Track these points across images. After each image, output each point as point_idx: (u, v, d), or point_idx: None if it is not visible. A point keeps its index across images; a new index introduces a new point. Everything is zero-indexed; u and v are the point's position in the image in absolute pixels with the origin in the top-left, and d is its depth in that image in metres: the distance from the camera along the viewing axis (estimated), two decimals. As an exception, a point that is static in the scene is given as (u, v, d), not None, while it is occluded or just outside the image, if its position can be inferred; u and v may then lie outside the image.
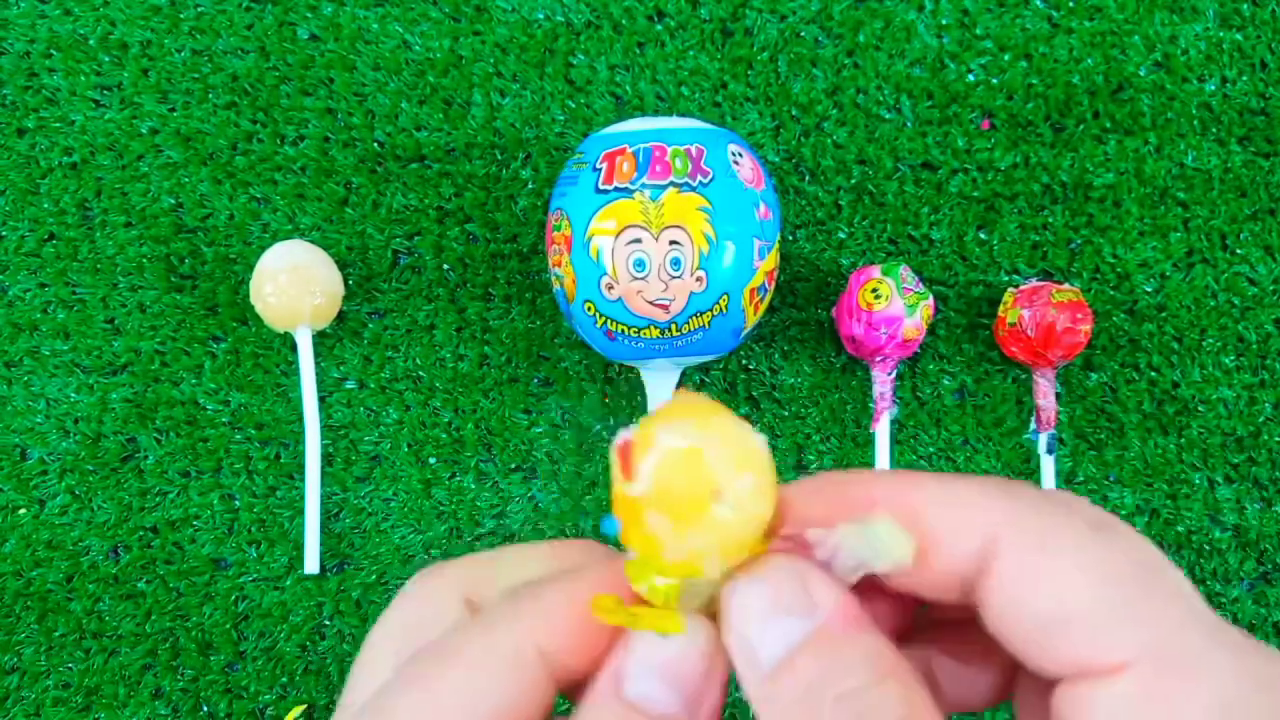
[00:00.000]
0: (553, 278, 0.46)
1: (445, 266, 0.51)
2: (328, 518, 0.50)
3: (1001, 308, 0.48)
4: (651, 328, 0.43)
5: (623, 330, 0.43)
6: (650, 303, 0.42)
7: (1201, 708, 0.16)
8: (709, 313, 0.43)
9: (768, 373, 0.50)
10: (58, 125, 0.52)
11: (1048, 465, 0.48)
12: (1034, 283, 0.48)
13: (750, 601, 0.18)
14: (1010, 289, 0.48)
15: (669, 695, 0.18)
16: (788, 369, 0.50)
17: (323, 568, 0.50)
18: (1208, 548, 0.48)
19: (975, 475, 0.19)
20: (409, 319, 0.51)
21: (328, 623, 0.50)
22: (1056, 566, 0.17)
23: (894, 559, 0.18)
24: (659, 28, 0.51)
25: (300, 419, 0.50)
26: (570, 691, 0.20)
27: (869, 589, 0.19)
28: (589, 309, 0.43)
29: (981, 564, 0.18)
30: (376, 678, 0.19)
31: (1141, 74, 0.50)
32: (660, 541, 0.17)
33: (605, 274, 0.42)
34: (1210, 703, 0.16)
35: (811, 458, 0.50)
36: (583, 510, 0.50)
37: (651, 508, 0.17)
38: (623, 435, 0.18)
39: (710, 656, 0.19)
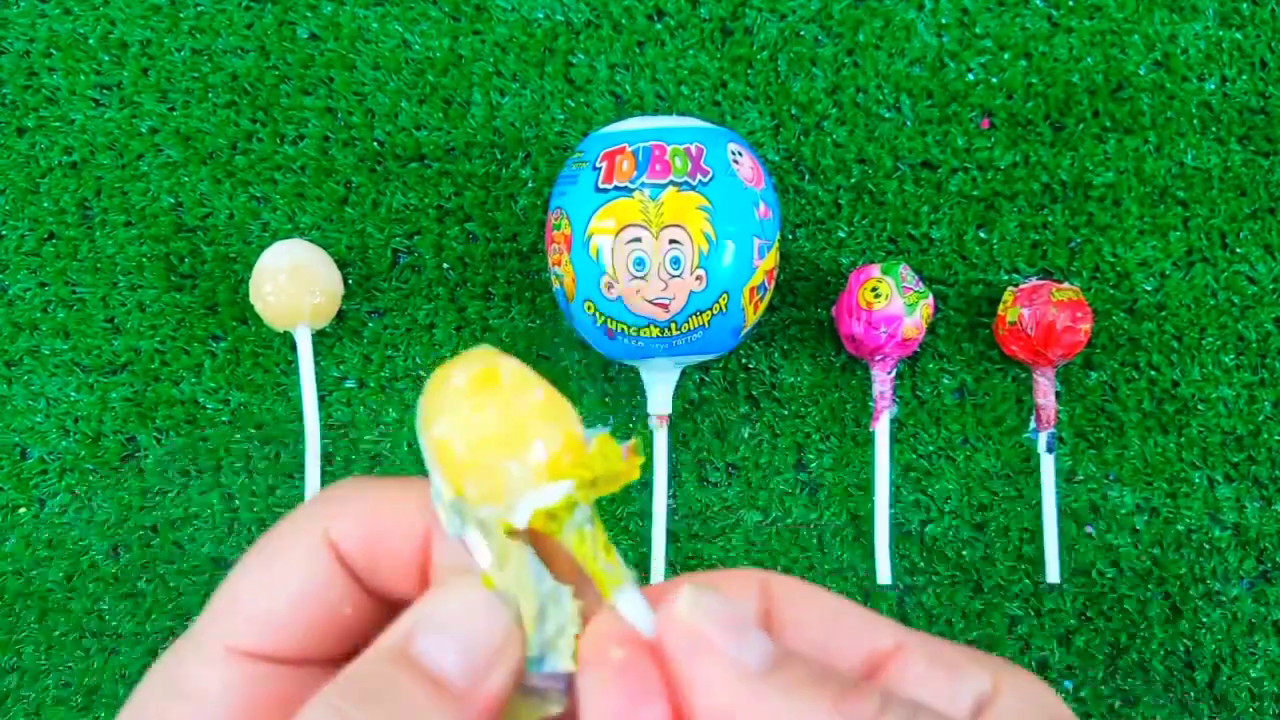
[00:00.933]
0: (552, 277, 0.46)
1: (445, 266, 0.51)
2: (328, 517, 0.50)
3: (1001, 306, 0.48)
4: (651, 326, 0.43)
5: (622, 329, 0.43)
6: (650, 302, 0.42)
7: (984, 669, 0.18)
8: (709, 312, 0.43)
9: (767, 372, 0.50)
10: (57, 124, 0.52)
11: (1047, 464, 0.48)
12: (1034, 281, 0.48)
13: (711, 608, 0.18)
14: (1010, 288, 0.48)
15: (455, 660, 0.18)
16: (787, 368, 0.50)
17: (323, 567, 0.50)
18: (1207, 546, 0.48)
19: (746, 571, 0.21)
20: (409, 318, 0.51)
21: (328, 622, 0.50)
22: (815, 604, 0.20)
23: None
24: (659, 27, 0.51)
25: (300, 418, 0.50)
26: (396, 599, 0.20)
27: None
28: (589, 308, 0.43)
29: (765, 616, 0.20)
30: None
31: (1141, 73, 0.50)
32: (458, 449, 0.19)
33: (605, 273, 0.42)
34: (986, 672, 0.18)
35: (811, 457, 0.50)
36: (582, 509, 0.50)
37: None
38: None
39: (508, 633, 0.18)
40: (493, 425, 0.18)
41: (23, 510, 0.51)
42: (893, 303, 0.46)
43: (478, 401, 0.19)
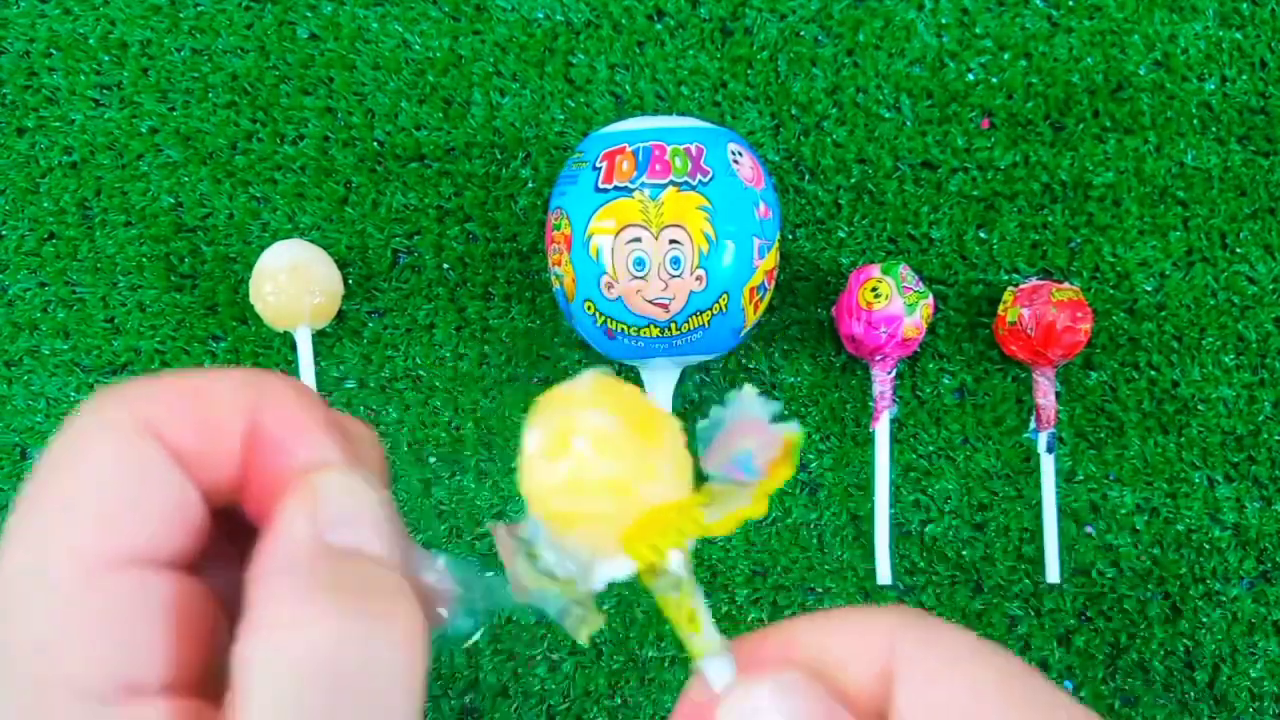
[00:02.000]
0: (552, 277, 0.46)
1: (445, 266, 0.51)
2: (328, 517, 0.50)
3: (1001, 306, 0.48)
4: (651, 327, 0.43)
5: (622, 329, 0.43)
6: (650, 302, 0.42)
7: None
8: (709, 312, 0.43)
9: (768, 372, 0.50)
10: (58, 125, 0.52)
11: (1047, 464, 0.48)
12: (1034, 281, 0.48)
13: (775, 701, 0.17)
14: (1010, 288, 0.48)
15: (379, 543, 0.17)
16: (787, 368, 0.50)
17: (323, 567, 0.49)
18: (1207, 546, 0.48)
19: (872, 606, 0.18)
20: (409, 318, 0.51)
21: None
22: (950, 684, 0.17)
23: None
24: (659, 27, 0.51)
25: (300, 418, 0.50)
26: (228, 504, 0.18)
27: None
28: (589, 308, 0.43)
29: (886, 683, 0.17)
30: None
31: (1141, 73, 0.50)
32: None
33: (605, 273, 0.42)
34: None
35: (811, 457, 0.50)
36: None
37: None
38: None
39: (385, 502, 0.18)
40: (607, 470, 0.18)
41: (23, 510, 0.51)
42: (893, 303, 0.46)
43: (601, 446, 0.18)
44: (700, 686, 0.18)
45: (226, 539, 0.18)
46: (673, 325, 0.43)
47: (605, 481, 0.17)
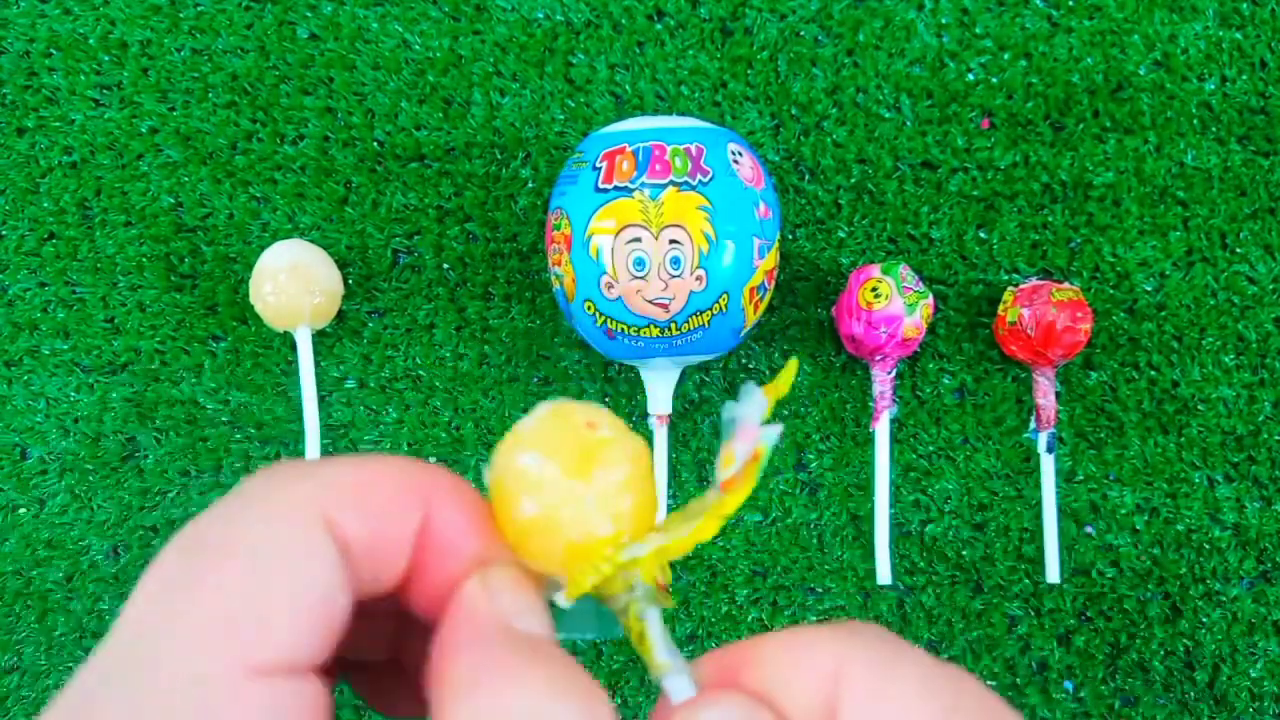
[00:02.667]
0: (552, 277, 0.46)
1: (445, 266, 0.51)
2: (328, 517, 0.50)
3: (1001, 307, 0.48)
4: (651, 326, 0.43)
5: (622, 329, 0.43)
6: (650, 302, 0.42)
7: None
8: (709, 312, 0.43)
9: (767, 372, 0.50)
10: (58, 125, 0.52)
11: (1047, 464, 0.48)
12: (1034, 281, 0.48)
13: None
14: (1010, 288, 0.48)
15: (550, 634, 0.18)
16: (787, 368, 0.50)
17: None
18: (1207, 546, 0.48)
19: (824, 625, 0.19)
20: (409, 318, 0.51)
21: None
22: (897, 707, 0.17)
23: None
24: (659, 27, 0.51)
25: (300, 418, 0.50)
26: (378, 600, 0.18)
27: None
28: (589, 308, 0.43)
29: (831, 705, 0.17)
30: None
31: (1141, 73, 0.50)
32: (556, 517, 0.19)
33: (605, 273, 0.42)
34: None
35: (811, 457, 0.50)
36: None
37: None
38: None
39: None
40: (569, 497, 0.19)
41: (23, 510, 0.51)
42: (893, 303, 0.46)
43: (569, 467, 0.19)
44: (664, 701, 0.19)
45: None
46: (673, 325, 0.43)
47: (530, 522, 0.19)
